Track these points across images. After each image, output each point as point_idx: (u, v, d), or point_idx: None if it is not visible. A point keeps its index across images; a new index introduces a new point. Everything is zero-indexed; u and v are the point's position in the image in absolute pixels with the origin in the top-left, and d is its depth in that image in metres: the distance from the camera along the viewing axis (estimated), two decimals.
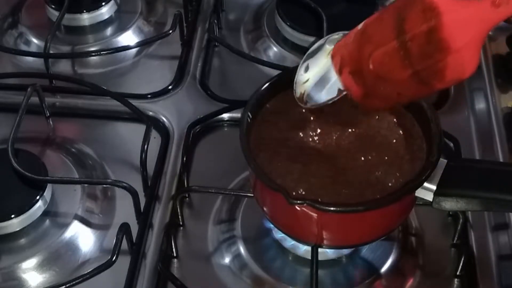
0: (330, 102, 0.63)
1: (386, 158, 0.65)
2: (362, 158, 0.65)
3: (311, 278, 0.67)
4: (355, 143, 0.66)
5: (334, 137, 0.68)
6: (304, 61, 0.65)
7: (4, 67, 0.92)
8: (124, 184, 0.74)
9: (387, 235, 0.68)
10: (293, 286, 0.70)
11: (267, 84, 0.68)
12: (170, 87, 0.88)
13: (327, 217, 0.61)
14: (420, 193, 0.62)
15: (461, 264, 0.70)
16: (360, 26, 0.60)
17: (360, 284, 0.70)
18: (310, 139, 0.68)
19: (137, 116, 0.82)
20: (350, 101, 0.63)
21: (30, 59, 0.92)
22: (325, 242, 0.66)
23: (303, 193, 0.62)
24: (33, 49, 0.94)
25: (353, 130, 0.67)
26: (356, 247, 0.71)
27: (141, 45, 0.93)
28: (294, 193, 0.61)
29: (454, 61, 0.53)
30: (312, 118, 0.69)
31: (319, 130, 0.68)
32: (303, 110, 0.68)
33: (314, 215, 0.61)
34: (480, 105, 0.84)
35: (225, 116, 0.85)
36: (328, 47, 0.63)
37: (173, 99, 0.87)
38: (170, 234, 0.73)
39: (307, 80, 0.64)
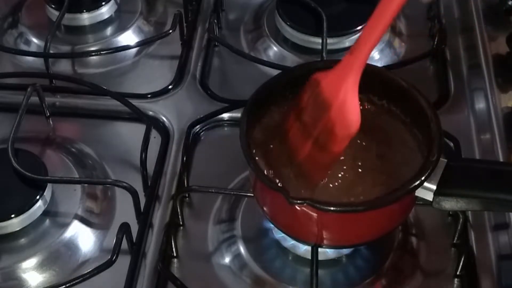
0: None
1: (385, 160, 0.66)
2: (360, 162, 0.66)
3: (311, 278, 0.67)
4: (355, 146, 0.67)
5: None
6: None
7: (4, 67, 0.92)
8: (124, 184, 0.74)
9: (387, 235, 0.68)
10: (293, 286, 0.70)
11: (267, 84, 0.68)
12: (170, 87, 0.88)
13: (327, 217, 0.61)
14: (420, 193, 0.62)
15: (461, 264, 0.70)
16: None
17: (360, 284, 0.70)
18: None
19: (137, 116, 0.82)
20: None
21: (30, 59, 0.92)
22: (325, 242, 0.66)
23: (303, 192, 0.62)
24: (33, 49, 0.94)
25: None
26: (356, 247, 0.71)
27: (141, 45, 0.93)
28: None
29: (339, 117, 0.61)
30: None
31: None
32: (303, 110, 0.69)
33: (314, 215, 0.61)
34: (480, 105, 0.84)
35: (225, 116, 0.85)
36: None
37: (173, 99, 0.87)
38: (170, 234, 0.73)
39: None
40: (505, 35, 0.89)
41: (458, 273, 0.71)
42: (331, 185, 0.65)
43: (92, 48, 0.93)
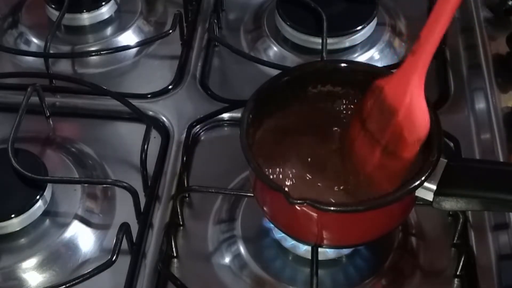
0: None
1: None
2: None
3: (311, 278, 0.67)
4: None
5: (334, 138, 0.68)
6: None
7: (4, 67, 0.92)
8: (124, 184, 0.74)
9: (387, 235, 0.68)
10: (293, 286, 0.70)
11: (267, 84, 0.68)
12: (170, 87, 0.88)
13: (327, 217, 0.61)
14: (420, 193, 0.62)
15: (461, 264, 0.70)
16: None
17: (360, 284, 0.70)
18: (310, 139, 0.68)
19: (137, 116, 0.82)
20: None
21: (30, 59, 0.92)
22: (325, 242, 0.66)
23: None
24: (33, 49, 0.94)
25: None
26: (356, 247, 0.70)
27: (141, 45, 0.93)
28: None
29: (407, 121, 0.60)
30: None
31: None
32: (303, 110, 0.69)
33: (314, 215, 0.61)
34: (480, 105, 0.84)
35: (225, 116, 0.85)
36: None
37: (173, 99, 0.87)
38: (170, 234, 0.73)
39: None
40: (505, 35, 0.89)
41: (458, 273, 0.71)
42: (331, 186, 0.66)
43: (92, 48, 0.93)
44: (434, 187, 0.61)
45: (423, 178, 0.60)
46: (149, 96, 0.87)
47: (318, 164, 0.68)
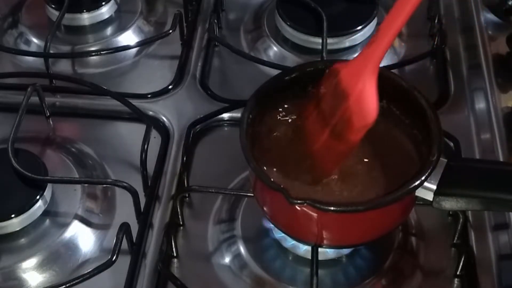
0: None
1: (384, 161, 0.66)
2: (359, 164, 0.66)
3: (311, 278, 0.67)
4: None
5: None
6: None
7: (4, 67, 0.92)
8: (124, 184, 0.74)
9: (387, 235, 0.68)
10: (293, 286, 0.70)
11: (267, 84, 0.68)
12: (170, 87, 0.88)
13: (327, 217, 0.61)
14: (420, 192, 0.62)
15: (461, 264, 0.70)
16: None
17: (360, 284, 0.70)
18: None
19: (137, 116, 0.82)
20: None
21: (30, 59, 0.92)
22: (325, 241, 0.66)
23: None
24: (33, 49, 0.94)
25: None
26: (356, 247, 0.71)
27: (141, 45, 0.93)
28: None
29: (356, 106, 0.61)
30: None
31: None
32: (303, 111, 0.68)
33: (314, 215, 0.61)
34: (480, 105, 0.84)
35: (225, 116, 0.85)
36: None
37: (173, 99, 0.87)
38: (170, 234, 0.73)
39: None
40: (505, 35, 0.89)
41: (458, 273, 0.71)
42: (331, 186, 0.66)
43: (92, 48, 0.93)
44: (434, 187, 0.61)
45: (423, 178, 0.60)
46: (149, 96, 0.87)
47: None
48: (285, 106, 0.69)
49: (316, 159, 0.66)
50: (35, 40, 0.94)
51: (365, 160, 0.67)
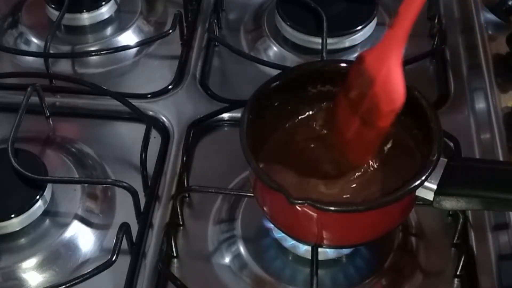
0: None
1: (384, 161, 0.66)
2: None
3: (311, 278, 0.67)
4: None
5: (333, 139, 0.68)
6: None
7: (4, 67, 0.92)
8: (124, 184, 0.74)
9: (387, 235, 0.68)
10: (293, 286, 0.70)
11: (267, 84, 0.68)
12: (170, 87, 0.88)
13: (327, 217, 0.61)
14: (420, 192, 0.62)
15: (461, 264, 0.70)
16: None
17: (360, 284, 0.70)
18: (310, 139, 0.68)
19: (137, 116, 0.82)
20: None
21: (30, 58, 0.92)
22: (325, 241, 0.66)
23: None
24: (33, 48, 0.94)
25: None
26: (356, 246, 0.70)
27: (141, 44, 0.93)
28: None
29: (383, 91, 0.61)
30: (312, 118, 0.69)
31: (319, 131, 0.69)
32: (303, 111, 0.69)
33: (315, 215, 0.61)
34: (480, 105, 0.84)
35: (225, 116, 0.85)
36: None
37: (173, 99, 0.87)
38: (170, 234, 0.73)
39: None
40: (505, 35, 0.89)
41: (458, 273, 0.71)
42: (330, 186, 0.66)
43: (92, 48, 0.93)
44: (434, 186, 0.61)
45: (423, 178, 0.60)
46: (149, 96, 0.87)
47: (317, 162, 0.68)
48: (285, 106, 0.69)
49: (347, 150, 0.66)
50: (35, 40, 0.94)
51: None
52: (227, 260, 0.73)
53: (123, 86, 0.89)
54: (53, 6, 0.94)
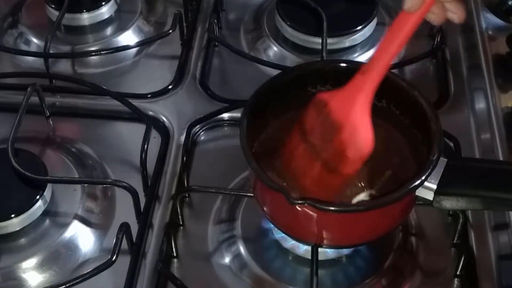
0: None
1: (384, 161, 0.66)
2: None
3: (311, 278, 0.67)
4: None
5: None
6: None
7: (4, 67, 0.92)
8: (124, 184, 0.74)
9: (387, 235, 0.68)
10: (293, 286, 0.70)
11: (267, 84, 0.68)
12: (170, 87, 0.88)
13: (327, 217, 0.61)
14: (420, 192, 0.62)
15: (461, 264, 0.70)
16: None
17: (360, 284, 0.70)
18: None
19: (137, 116, 0.82)
20: None
21: (30, 58, 0.92)
22: (325, 241, 0.66)
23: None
24: (33, 48, 0.94)
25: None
26: (356, 246, 0.70)
27: (141, 44, 0.93)
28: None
29: (350, 140, 0.59)
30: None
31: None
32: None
33: (315, 215, 0.61)
34: (480, 105, 0.84)
35: (225, 116, 0.85)
36: None
37: (173, 99, 0.87)
38: (170, 234, 0.73)
39: None
40: (505, 35, 0.89)
41: (458, 273, 0.71)
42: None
43: (92, 48, 0.93)
44: (434, 186, 0.61)
45: (423, 178, 0.60)
46: (149, 96, 0.87)
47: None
48: (285, 106, 0.69)
49: (312, 190, 0.63)
50: (35, 40, 0.94)
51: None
52: (227, 260, 0.73)
53: (123, 86, 0.89)
54: (53, 6, 0.95)
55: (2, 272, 0.71)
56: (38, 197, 0.73)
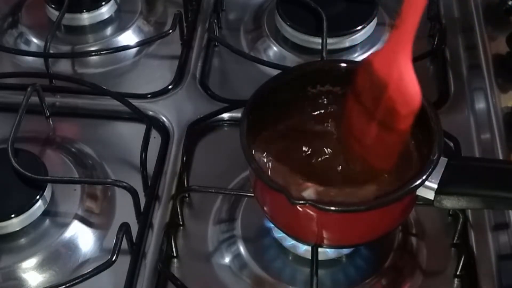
0: None
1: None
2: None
3: (311, 278, 0.67)
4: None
5: (334, 139, 0.68)
6: None
7: (4, 67, 0.92)
8: (124, 183, 0.74)
9: (387, 235, 0.68)
10: (293, 286, 0.70)
11: (267, 84, 0.68)
12: (170, 87, 0.88)
13: (328, 217, 0.61)
14: (421, 192, 0.62)
15: (461, 264, 0.70)
16: None
17: (360, 284, 0.70)
18: (310, 139, 0.68)
19: (137, 116, 0.82)
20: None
21: (30, 58, 0.92)
22: (325, 241, 0.66)
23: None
24: (33, 48, 0.94)
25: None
26: (356, 246, 0.71)
27: (141, 44, 0.93)
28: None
29: (397, 94, 0.59)
30: (311, 118, 0.69)
31: (319, 131, 0.69)
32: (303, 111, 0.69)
33: (315, 215, 0.61)
34: (480, 105, 0.84)
35: (225, 116, 0.85)
36: None
37: (173, 99, 0.87)
38: (170, 234, 0.73)
39: None
40: (505, 35, 0.89)
41: (458, 273, 0.71)
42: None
43: (92, 48, 0.93)
44: (435, 186, 0.61)
45: (424, 177, 0.60)
46: (149, 96, 0.87)
47: (318, 162, 0.68)
48: (285, 106, 0.69)
49: (369, 156, 0.64)
50: (35, 40, 0.94)
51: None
52: (227, 260, 0.73)
53: (123, 86, 0.89)
54: (53, 6, 0.95)
55: (2, 272, 0.71)
56: (38, 197, 0.73)
